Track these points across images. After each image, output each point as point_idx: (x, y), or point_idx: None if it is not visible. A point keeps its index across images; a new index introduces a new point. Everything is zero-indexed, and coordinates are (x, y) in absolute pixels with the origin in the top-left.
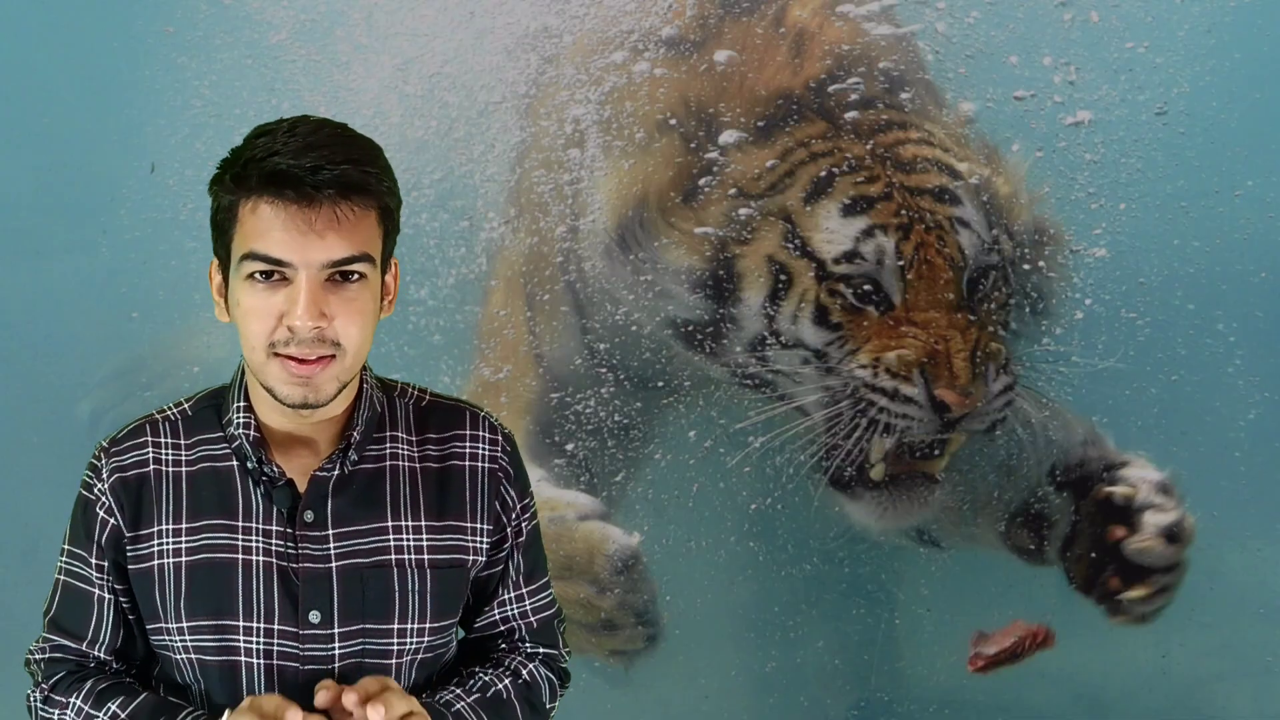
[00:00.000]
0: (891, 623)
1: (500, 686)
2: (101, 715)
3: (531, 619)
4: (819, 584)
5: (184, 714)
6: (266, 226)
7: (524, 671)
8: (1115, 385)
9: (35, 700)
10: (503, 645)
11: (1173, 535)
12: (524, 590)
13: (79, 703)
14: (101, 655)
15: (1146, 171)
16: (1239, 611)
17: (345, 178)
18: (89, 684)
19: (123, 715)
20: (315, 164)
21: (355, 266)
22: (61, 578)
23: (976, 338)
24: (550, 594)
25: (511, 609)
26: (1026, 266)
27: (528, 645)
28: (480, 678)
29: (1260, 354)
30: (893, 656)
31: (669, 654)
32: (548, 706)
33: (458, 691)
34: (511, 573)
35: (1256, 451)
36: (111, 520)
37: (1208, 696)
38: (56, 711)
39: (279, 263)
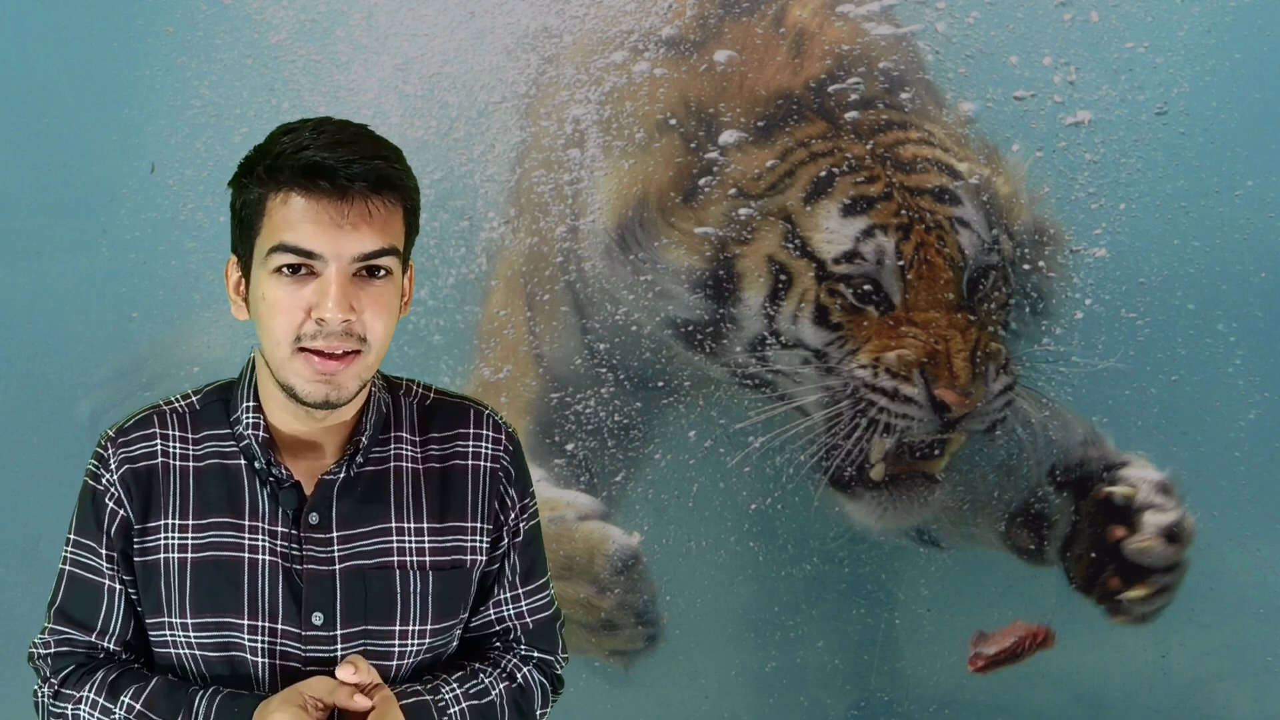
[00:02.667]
0: (891, 623)
1: (495, 692)
2: (117, 709)
3: (528, 620)
4: (819, 584)
5: (198, 695)
6: (298, 218)
7: (519, 675)
8: (1115, 385)
9: (44, 696)
10: (498, 644)
11: (1173, 535)
12: (520, 591)
13: (92, 695)
14: (111, 646)
15: (1146, 171)
16: (1239, 611)
17: (377, 172)
18: (100, 674)
19: (137, 705)
20: (348, 158)
21: (383, 261)
22: (68, 568)
23: (976, 338)
24: (549, 595)
25: (507, 609)
26: (1026, 266)
27: (523, 647)
28: (478, 678)
29: (1260, 354)
30: (893, 656)
31: (669, 654)
32: (538, 713)
33: (455, 690)
34: (508, 572)
35: (1256, 451)
36: (121, 511)
37: (1208, 696)
38: (69, 706)
39: (310, 255)
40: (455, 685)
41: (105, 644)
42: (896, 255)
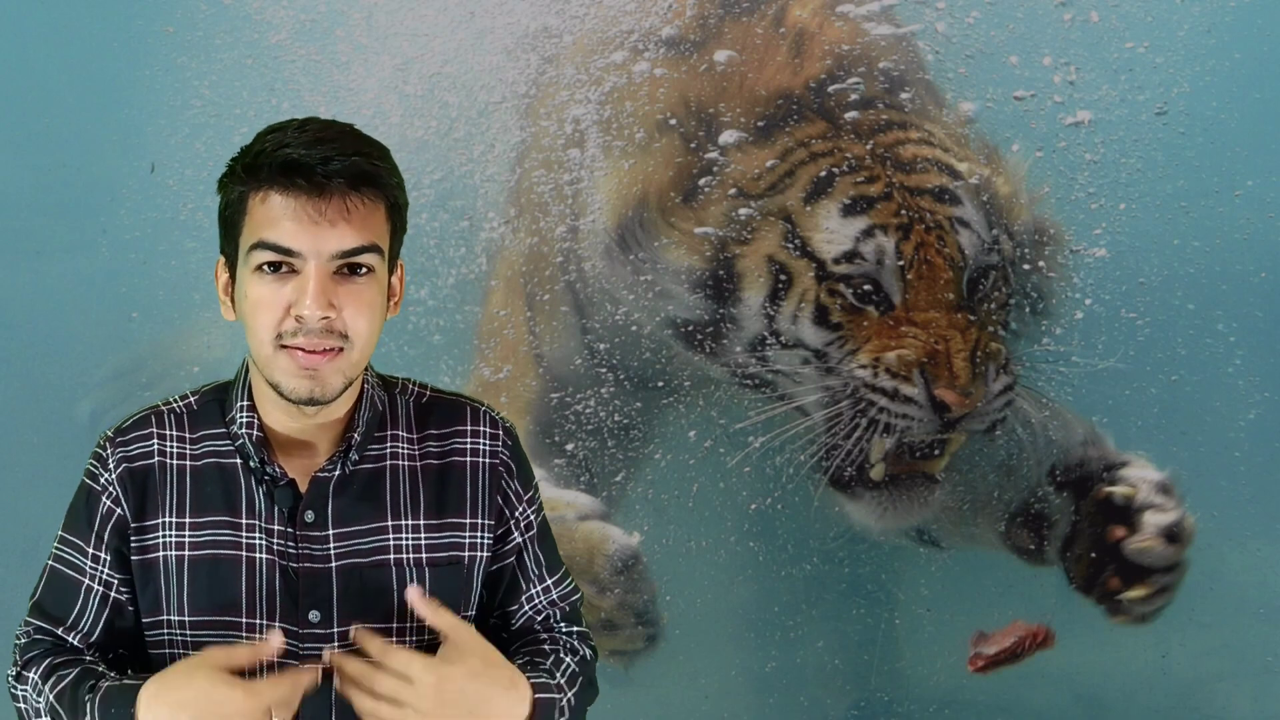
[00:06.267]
0: (891, 623)
1: (574, 666)
2: (46, 688)
3: (562, 605)
4: (819, 584)
5: (104, 680)
6: (277, 216)
7: (581, 648)
8: (1115, 385)
9: (9, 678)
10: (543, 634)
11: (1173, 535)
12: (549, 581)
13: (36, 677)
14: (75, 644)
15: (1146, 171)
16: (1239, 611)
17: (355, 168)
18: (48, 660)
19: (51, 694)
20: (326, 155)
21: (364, 259)
22: (51, 564)
23: (976, 338)
24: (571, 579)
25: (541, 600)
26: (1026, 266)
27: (563, 626)
28: (560, 658)
29: (1260, 354)
30: (893, 656)
31: (669, 654)
32: (595, 681)
33: (558, 679)
34: (531, 565)
35: (1256, 451)
36: (118, 510)
37: (1208, 696)
38: (22, 688)
39: (288, 252)
40: (547, 673)
41: (72, 641)
42: (896, 255)
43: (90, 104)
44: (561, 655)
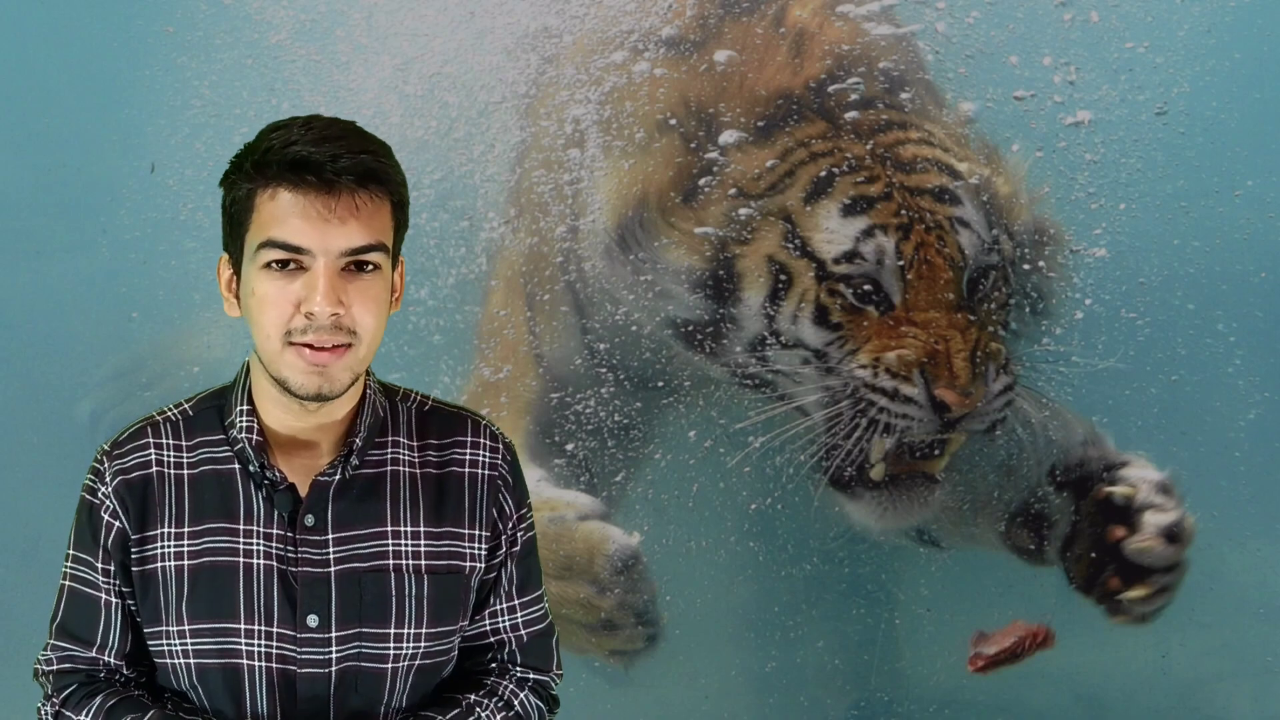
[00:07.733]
0: (891, 623)
1: None
2: None
3: (522, 632)
4: (819, 584)
5: None
6: (286, 213)
7: (515, 702)
8: (1115, 385)
9: (46, 715)
10: (493, 665)
11: (1173, 535)
12: (516, 601)
13: None
14: (112, 661)
15: (1146, 171)
16: (1239, 611)
17: (363, 166)
18: (99, 699)
19: None
20: (334, 153)
21: (371, 256)
22: (68, 583)
23: (976, 338)
24: (543, 608)
25: (502, 620)
26: (1026, 266)
27: (518, 669)
28: (474, 714)
29: (1260, 354)
30: (893, 656)
31: (669, 654)
32: None
33: None
34: (504, 582)
35: (1256, 451)
36: (116, 524)
37: (1208, 696)
38: None
39: (298, 249)
40: None
41: (106, 658)
42: (896, 255)
43: (90, 104)
44: (481, 714)
